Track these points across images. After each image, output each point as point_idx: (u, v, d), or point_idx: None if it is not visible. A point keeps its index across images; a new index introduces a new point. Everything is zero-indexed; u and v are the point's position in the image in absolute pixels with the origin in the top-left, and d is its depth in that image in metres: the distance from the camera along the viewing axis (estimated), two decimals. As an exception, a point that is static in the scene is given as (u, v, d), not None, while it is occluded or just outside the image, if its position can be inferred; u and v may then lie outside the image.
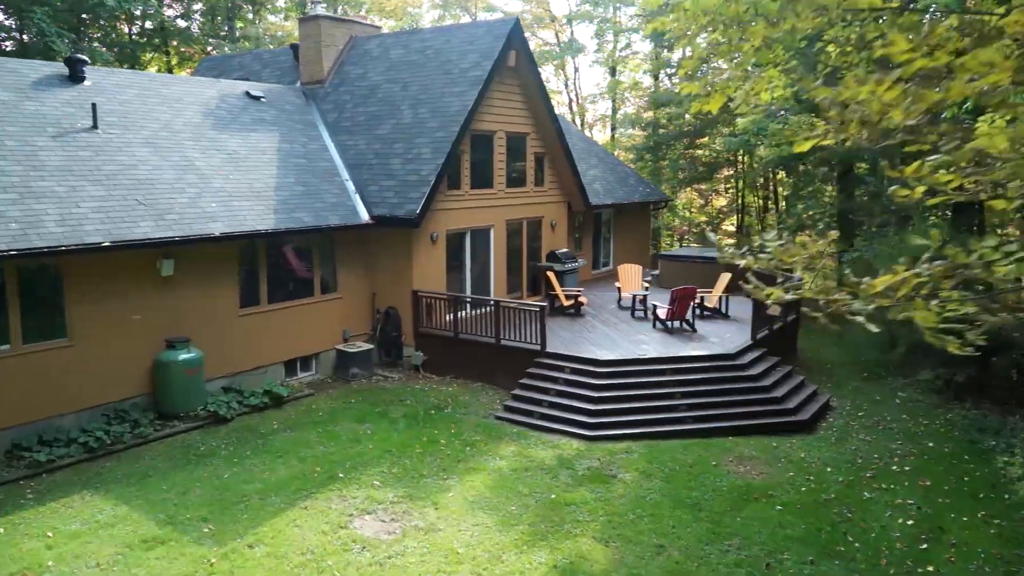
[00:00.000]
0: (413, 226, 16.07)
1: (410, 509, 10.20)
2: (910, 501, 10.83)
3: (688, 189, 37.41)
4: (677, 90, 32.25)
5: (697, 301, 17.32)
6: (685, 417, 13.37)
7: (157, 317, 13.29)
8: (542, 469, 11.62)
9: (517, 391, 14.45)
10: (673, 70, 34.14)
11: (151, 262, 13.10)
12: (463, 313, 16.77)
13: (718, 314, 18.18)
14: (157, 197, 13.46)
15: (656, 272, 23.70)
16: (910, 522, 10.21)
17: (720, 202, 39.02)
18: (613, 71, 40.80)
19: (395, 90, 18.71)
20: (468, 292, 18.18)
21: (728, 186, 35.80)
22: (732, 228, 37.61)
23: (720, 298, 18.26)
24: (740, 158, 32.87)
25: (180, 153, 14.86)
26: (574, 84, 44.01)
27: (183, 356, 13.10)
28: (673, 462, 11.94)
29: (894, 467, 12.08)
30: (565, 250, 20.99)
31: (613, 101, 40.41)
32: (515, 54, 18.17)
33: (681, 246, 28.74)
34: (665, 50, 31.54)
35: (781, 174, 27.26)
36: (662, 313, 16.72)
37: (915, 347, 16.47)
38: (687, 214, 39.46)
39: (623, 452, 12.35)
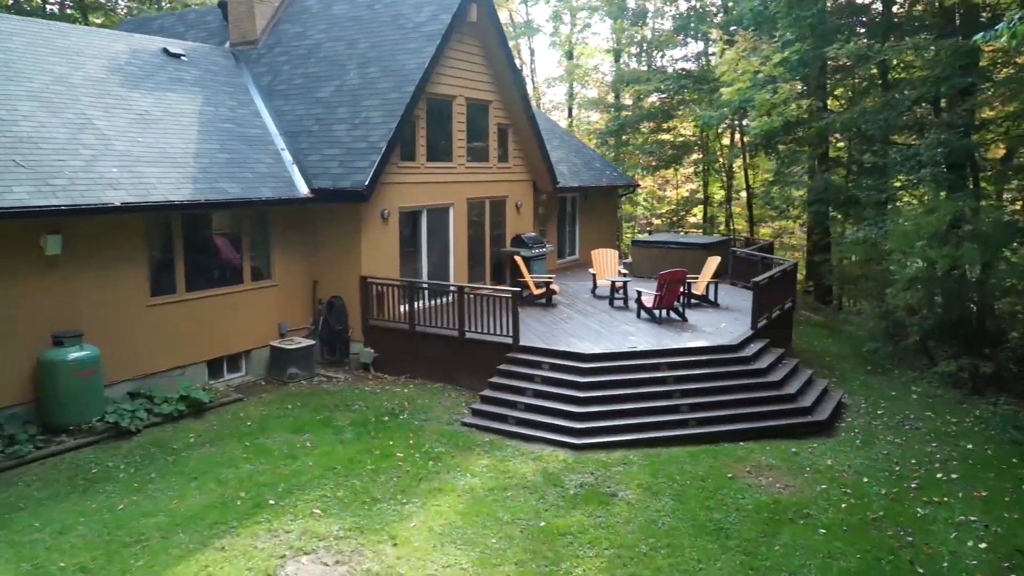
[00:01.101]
0: (361, 200, 13.71)
1: (361, 547, 7.88)
2: (972, 518, 8.94)
3: (649, 177, 35.65)
4: (644, 67, 30.51)
5: (682, 289, 15.30)
6: (687, 420, 11.31)
7: (41, 307, 10.68)
8: (524, 488, 9.41)
9: (486, 392, 12.22)
10: (638, 49, 32.34)
11: (32, 238, 10.50)
12: (420, 303, 14.49)
13: (706, 302, 16.23)
14: (41, 159, 10.85)
15: (628, 260, 21.71)
16: (982, 545, 8.30)
17: (682, 192, 37.38)
18: (570, 54, 38.85)
19: (339, 48, 16.30)
20: (424, 277, 15.88)
21: (696, 171, 34.11)
22: (694, 220, 36.02)
23: (707, 285, 16.31)
24: (711, 141, 31.19)
25: (76, 110, 12.24)
26: (530, 68, 41.86)
27: (73, 355, 10.54)
28: (681, 475, 9.85)
29: (939, 475, 10.20)
30: (532, 234, 18.84)
31: (571, 85, 38.42)
32: (476, 8, 15.93)
33: (651, 234, 26.86)
34: (631, 24, 29.64)
35: (757, 156, 25.60)
36: (648, 301, 14.67)
37: (927, 337, 14.79)
38: (649, 204, 37.76)
39: (619, 463, 10.22)
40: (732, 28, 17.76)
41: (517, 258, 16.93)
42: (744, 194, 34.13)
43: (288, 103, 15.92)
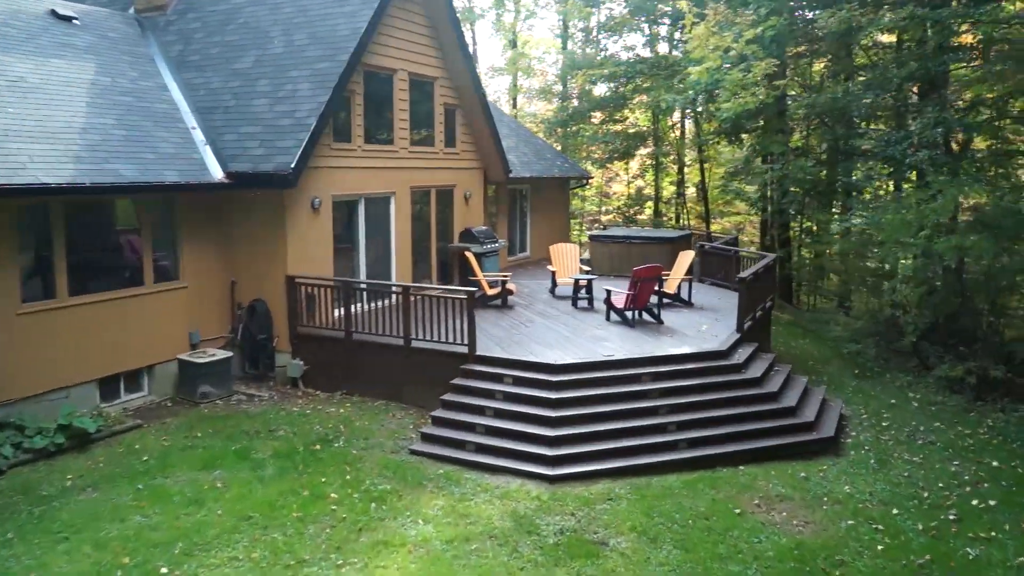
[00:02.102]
0: (286, 186, 11.64)
1: (281, 636, 5.91)
2: (1032, 559, 7.44)
3: (598, 172, 34.09)
4: (595, 52, 28.91)
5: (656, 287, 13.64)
6: (677, 441, 9.60)
7: None
8: (492, 537, 7.53)
9: (439, 412, 10.30)
10: (587, 36, 30.75)
11: None
12: (359, 306, 12.48)
13: (679, 301, 14.60)
14: None
15: (586, 256, 20.03)
16: (1058, 598, 6.78)
17: (632, 188, 35.92)
18: (514, 43, 37.06)
19: (261, 14, 14.14)
20: (363, 276, 13.86)
21: (645, 165, 32.68)
22: (642, 218, 34.59)
23: (679, 283, 14.68)
24: (665, 131, 29.77)
25: (-75, 73, 9.89)
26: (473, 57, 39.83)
27: (-90, 378, 8.25)
28: (680, 513, 8.13)
29: (974, 501, 8.71)
30: (483, 228, 16.96)
31: (515, 75, 36.62)
32: (420, -31, 14.00)
33: (604, 230, 25.27)
34: (584, 5, 27.95)
35: (719, 143, 24.19)
36: (618, 301, 12.95)
37: (922, 338, 13.44)
38: (597, 200, 36.26)
39: (604, 499, 8.44)
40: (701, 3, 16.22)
41: (468, 254, 15.04)
42: (693, 189, 32.93)
43: (202, 75, 13.70)
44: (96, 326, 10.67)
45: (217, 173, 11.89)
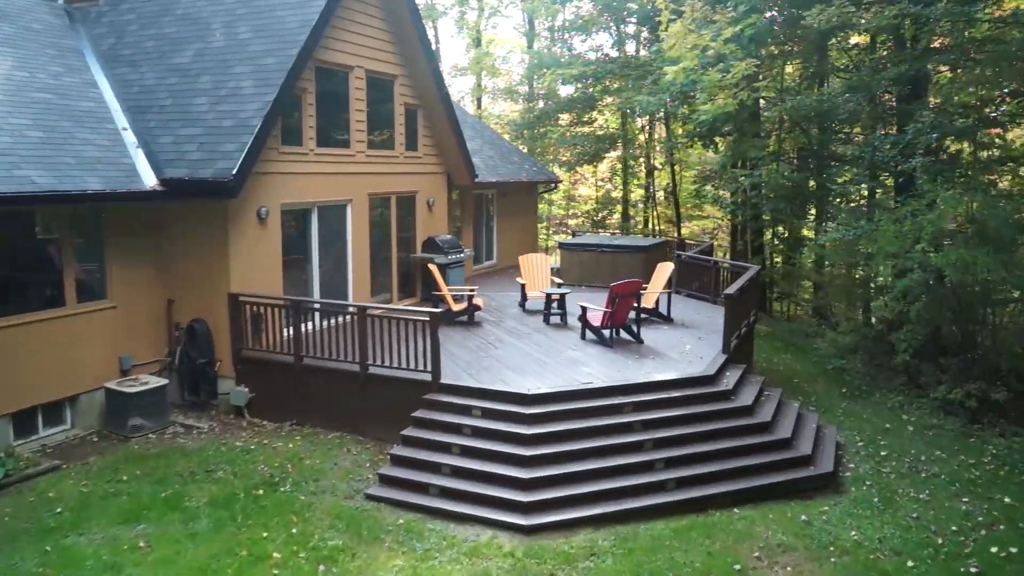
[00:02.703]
0: (228, 195, 10.44)
1: None
2: (1070, 622, 6.60)
3: (565, 176, 33.18)
4: (562, 52, 27.98)
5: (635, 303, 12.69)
6: (665, 481, 8.64)
7: None
8: (460, 609, 6.49)
9: (399, 449, 9.20)
10: (553, 35, 29.78)
11: None
12: (310, 326, 11.33)
13: (657, 316, 13.68)
14: None
15: (555, 264, 19.05)
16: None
17: (600, 192, 35.08)
18: (478, 42, 36.00)
19: (201, 4, 12.90)
20: (316, 294, 12.70)
21: (614, 169, 31.82)
22: (612, 221, 33.78)
23: (657, 296, 13.76)
24: (634, 134, 28.92)
25: None
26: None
27: None
28: (673, 570, 7.16)
29: (993, 548, 7.89)
30: (448, 237, 15.88)
31: (479, 75, 35.56)
32: (378, -43, 12.90)
33: (575, 236, 24.29)
34: (551, 2, 26.98)
35: (692, 147, 23.40)
36: (595, 318, 11.97)
37: (915, 354, 12.69)
38: (564, 205, 35.38)
39: (587, 555, 7.43)
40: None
41: (431, 266, 13.94)
42: (662, 193, 32.19)
43: (136, 71, 12.44)
44: (8, 353, 9.38)
45: (149, 180, 10.65)
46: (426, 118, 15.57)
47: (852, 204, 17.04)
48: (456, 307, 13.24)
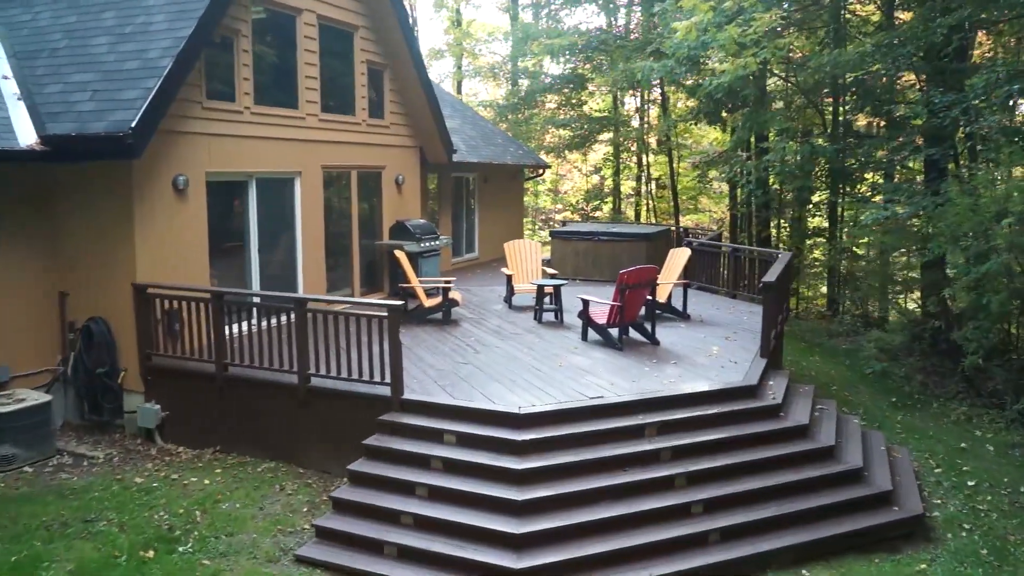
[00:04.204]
0: (128, 155, 8.06)
1: None
2: None
3: (554, 163, 30.92)
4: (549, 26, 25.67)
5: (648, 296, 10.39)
6: (707, 533, 6.35)
7: None
8: None
9: (345, 492, 6.84)
10: (532, 11, 27.46)
11: None
12: (241, 326, 8.95)
13: (671, 312, 11.40)
14: None
15: (547, 255, 16.75)
16: None
17: (591, 181, 32.83)
18: (458, 22, 33.70)
19: (113, -70, 10.50)
20: (255, 286, 10.33)
21: (606, 156, 29.60)
22: (600, 214, 31.53)
23: (671, 289, 11.47)
24: (633, 114, 26.69)
25: None
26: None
27: None
28: None
29: None
30: (421, 221, 13.55)
31: (459, 57, 33.24)
32: None
33: (563, 226, 22.00)
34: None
35: (677, 135, 21.17)
36: (599, 315, 9.68)
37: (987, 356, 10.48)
38: (552, 195, 33.15)
39: (607, 652, 5.12)
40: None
41: (400, 254, 11.56)
42: (654, 185, 30.04)
43: (28, 11, 10.03)
44: None
45: (27, 138, 8.25)
46: (394, 82, 13.24)
47: (895, 180, 14.93)
48: (428, 302, 10.90)
